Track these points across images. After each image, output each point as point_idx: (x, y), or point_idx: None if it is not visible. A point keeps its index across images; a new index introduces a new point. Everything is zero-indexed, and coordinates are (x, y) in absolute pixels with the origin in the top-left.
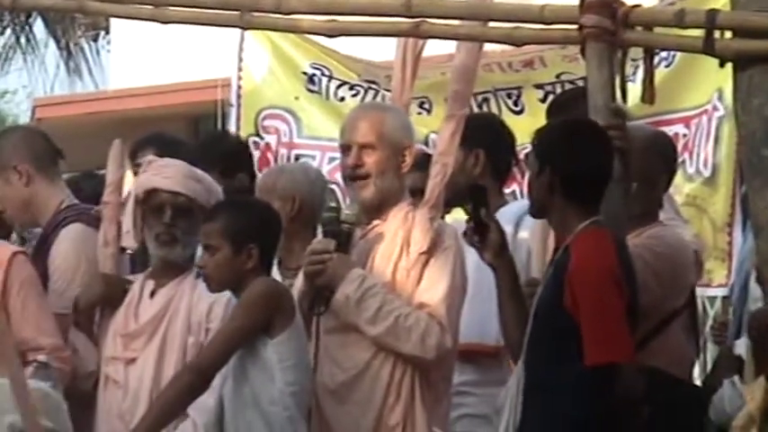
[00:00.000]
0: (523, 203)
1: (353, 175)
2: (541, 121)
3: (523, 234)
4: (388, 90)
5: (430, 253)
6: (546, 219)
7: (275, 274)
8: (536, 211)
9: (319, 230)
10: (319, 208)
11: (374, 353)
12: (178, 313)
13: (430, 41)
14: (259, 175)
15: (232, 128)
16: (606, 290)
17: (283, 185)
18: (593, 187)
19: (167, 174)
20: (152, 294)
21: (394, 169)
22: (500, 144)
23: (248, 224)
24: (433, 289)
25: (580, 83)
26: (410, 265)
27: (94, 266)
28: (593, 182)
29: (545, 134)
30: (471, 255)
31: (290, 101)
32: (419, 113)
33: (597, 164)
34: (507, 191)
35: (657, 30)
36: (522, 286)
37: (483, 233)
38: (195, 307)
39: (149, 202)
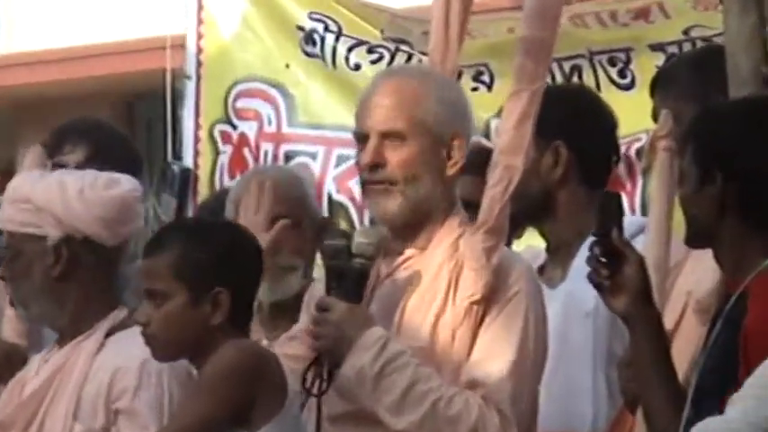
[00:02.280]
0: (629, 222)
1: (371, 180)
2: None
3: None
4: (424, 54)
5: (488, 302)
6: (696, 247)
7: (255, 331)
8: (694, 238)
9: (317, 260)
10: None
11: None
12: (64, 391)
13: None
14: (230, 185)
15: (188, 112)
16: None
17: (266, 194)
18: None
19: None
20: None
21: (435, 171)
22: (593, 132)
23: (213, 257)
24: (491, 359)
25: (719, 41)
26: (457, 321)
27: None
28: None
29: (710, 121)
30: (554, 300)
31: (278, 70)
32: (474, 89)
33: None
34: None
35: None
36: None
37: (615, 266)
38: (90, 380)
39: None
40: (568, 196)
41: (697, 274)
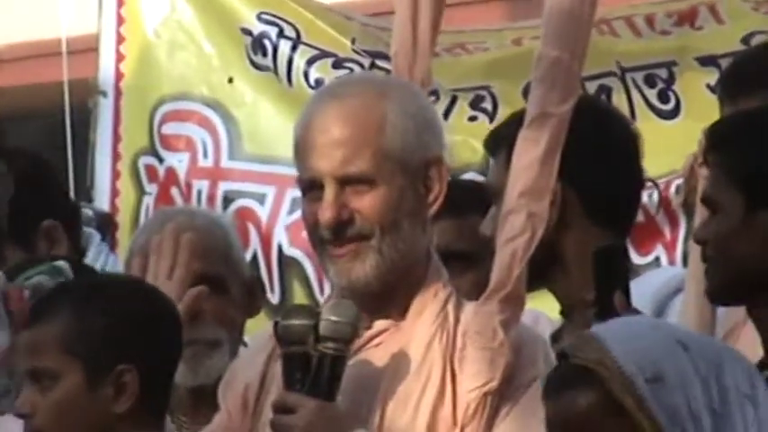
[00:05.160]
0: (670, 275)
1: (336, 241)
2: None
3: None
4: None
5: (504, 391)
6: (750, 305)
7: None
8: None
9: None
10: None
11: None
12: None
13: None
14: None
15: (104, 138)
16: None
17: (182, 248)
18: None
19: None
20: None
21: (414, 214)
22: (601, 159)
23: (116, 326)
24: None
25: None
26: (465, 417)
27: None
28: None
29: (751, 129)
30: None
31: (218, 85)
32: (472, 118)
33: None
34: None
35: None
36: None
37: None
38: None
39: None
40: (575, 243)
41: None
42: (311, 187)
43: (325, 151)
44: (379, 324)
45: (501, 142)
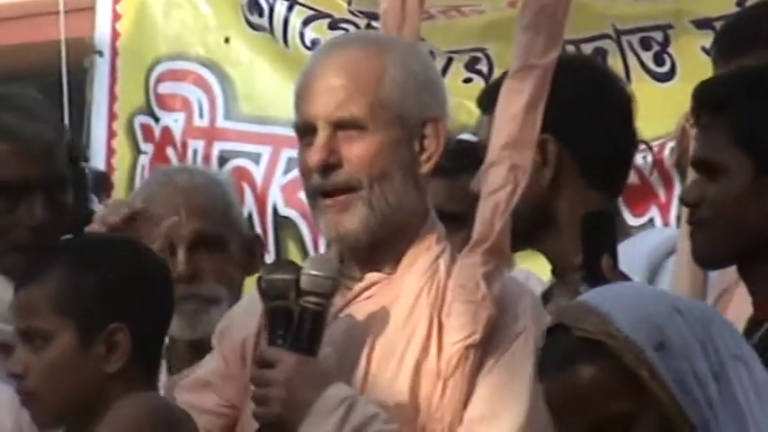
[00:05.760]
0: (665, 236)
1: (324, 187)
2: None
3: None
4: None
5: (488, 344)
6: (746, 268)
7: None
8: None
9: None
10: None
11: None
12: None
13: None
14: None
15: (100, 98)
16: None
17: (180, 206)
18: None
19: None
20: None
21: (406, 168)
22: (595, 119)
23: (108, 285)
24: (494, 419)
25: None
26: (448, 369)
27: None
28: None
29: (754, 87)
30: None
31: (214, 45)
32: (467, 80)
33: None
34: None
35: None
36: None
37: None
38: None
39: None
40: (569, 204)
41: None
42: (306, 132)
43: (321, 96)
44: (371, 277)
45: (494, 99)
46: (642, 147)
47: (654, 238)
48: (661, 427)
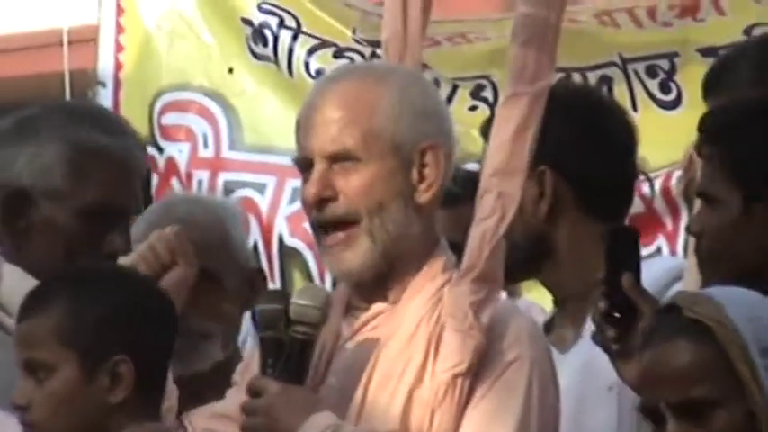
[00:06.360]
0: (671, 265)
1: (322, 221)
2: None
3: None
4: None
5: (478, 373)
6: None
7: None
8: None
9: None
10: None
11: None
12: None
13: None
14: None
15: None
16: None
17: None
18: None
19: None
20: None
21: (404, 196)
22: (595, 149)
23: (111, 317)
24: None
25: None
26: (436, 398)
27: None
28: None
29: (743, 123)
30: (567, 368)
31: (218, 75)
32: (473, 108)
33: None
34: (644, 249)
35: None
36: None
37: (626, 323)
38: None
39: None
40: (568, 235)
41: None
42: (304, 167)
43: (317, 130)
44: (376, 307)
45: None
46: (641, 178)
47: (660, 265)
48: (741, 425)
